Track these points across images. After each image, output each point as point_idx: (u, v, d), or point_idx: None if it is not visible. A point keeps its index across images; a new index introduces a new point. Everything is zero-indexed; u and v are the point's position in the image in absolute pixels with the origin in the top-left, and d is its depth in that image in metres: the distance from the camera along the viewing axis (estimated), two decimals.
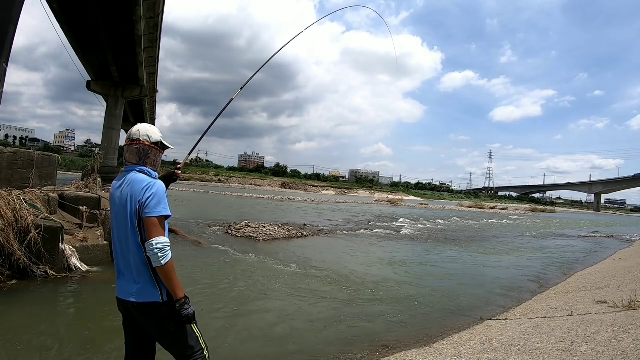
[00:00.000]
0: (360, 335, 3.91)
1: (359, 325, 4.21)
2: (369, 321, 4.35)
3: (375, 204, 40.61)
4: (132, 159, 1.85)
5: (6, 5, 7.35)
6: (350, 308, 4.79)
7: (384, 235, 13.33)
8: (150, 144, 1.86)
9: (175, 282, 1.71)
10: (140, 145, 1.84)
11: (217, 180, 68.56)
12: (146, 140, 1.86)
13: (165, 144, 1.94)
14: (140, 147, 1.84)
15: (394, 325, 4.27)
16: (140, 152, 1.84)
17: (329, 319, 4.34)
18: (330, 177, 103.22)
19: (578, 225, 29.53)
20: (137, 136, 1.86)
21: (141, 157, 1.84)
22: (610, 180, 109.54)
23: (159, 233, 1.70)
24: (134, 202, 1.74)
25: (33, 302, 4.16)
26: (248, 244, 8.90)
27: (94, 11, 15.16)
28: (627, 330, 2.96)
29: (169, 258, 1.69)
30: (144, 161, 1.85)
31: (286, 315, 4.42)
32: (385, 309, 4.81)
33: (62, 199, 6.76)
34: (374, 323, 4.30)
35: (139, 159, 1.84)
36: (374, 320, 4.40)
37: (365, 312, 4.67)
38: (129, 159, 1.86)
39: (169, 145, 1.96)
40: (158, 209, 1.72)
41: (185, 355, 1.78)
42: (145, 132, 1.87)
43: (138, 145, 1.84)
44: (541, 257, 10.40)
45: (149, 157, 1.86)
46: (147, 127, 1.90)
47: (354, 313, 4.59)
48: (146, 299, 1.73)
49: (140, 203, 1.72)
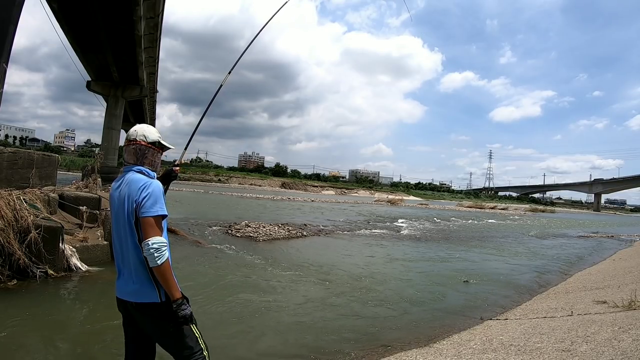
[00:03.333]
0: (360, 335, 3.91)
1: (359, 325, 4.21)
2: (368, 321, 4.35)
3: (375, 204, 40.59)
4: (130, 159, 1.87)
5: (6, 5, 7.35)
6: (350, 308, 4.79)
7: (383, 235, 13.33)
8: (147, 143, 1.88)
9: (172, 282, 1.71)
10: (137, 145, 1.86)
11: (217, 180, 68.57)
12: (142, 140, 1.87)
13: (164, 144, 1.95)
14: (137, 147, 1.86)
15: (394, 325, 4.26)
16: (137, 152, 1.86)
17: (329, 319, 4.34)
18: (330, 177, 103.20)
19: (578, 225, 29.52)
20: (134, 136, 1.88)
21: (138, 157, 1.86)
22: (610, 180, 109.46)
23: (156, 233, 1.70)
24: (130, 201, 1.74)
25: (33, 302, 4.16)
26: (248, 244, 8.90)
27: (94, 11, 15.16)
28: (627, 330, 2.96)
29: (165, 258, 1.69)
30: (142, 161, 1.86)
31: (285, 315, 4.42)
32: (385, 309, 4.81)
33: (62, 199, 6.76)
34: (373, 323, 4.29)
35: (137, 159, 1.86)
36: (373, 320, 4.40)
37: (365, 311, 4.67)
38: (127, 159, 1.88)
39: (168, 145, 1.97)
40: (154, 208, 1.72)
41: (184, 355, 1.77)
42: (142, 132, 1.89)
43: (135, 146, 1.86)
44: (541, 257, 10.40)
45: (146, 157, 1.87)
46: (144, 127, 1.92)
47: (354, 313, 4.59)
48: (144, 300, 1.73)
49: (137, 203, 1.73)
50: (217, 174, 74.35)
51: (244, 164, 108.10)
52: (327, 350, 3.50)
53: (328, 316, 4.45)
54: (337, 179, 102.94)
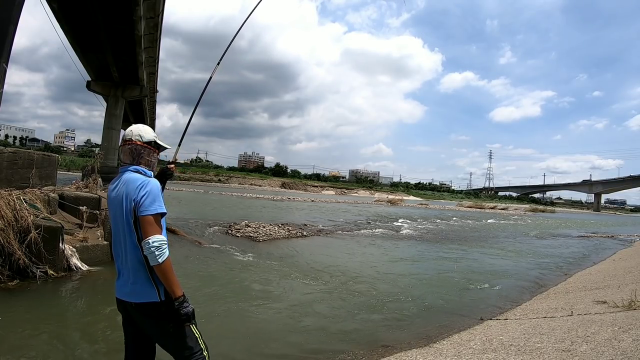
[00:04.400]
0: (360, 335, 3.91)
1: (359, 325, 4.21)
2: (368, 321, 4.35)
3: (375, 204, 40.57)
4: (126, 159, 1.88)
5: (6, 5, 7.35)
6: (350, 308, 4.78)
7: (383, 235, 13.33)
8: (142, 143, 1.89)
9: (173, 280, 1.71)
10: (133, 145, 1.87)
11: (217, 180, 68.53)
12: (138, 140, 1.88)
13: (160, 143, 1.96)
14: (133, 147, 1.87)
15: (394, 325, 4.26)
16: (133, 151, 1.87)
17: (329, 319, 4.34)
18: (330, 177, 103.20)
19: (578, 225, 29.52)
20: (130, 136, 1.89)
21: (134, 157, 1.87)
22: (610, 180, 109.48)
23: (155, 231, 1.70)
24: (129, 201, 1.75)
25: (33, 302, 4.17)
26: (248, 244, 8.90)
27: (94, 11, 15.16)
28: (627, 330, 2.96)
29: (166, 256, 1.69)
30: (138, 161, 1.87)
31: (285, 315, 4.42)
32: (385, 309, 4.81)
33: (62, 199, 6.76)
34: (374, 323, 4.29)
35: (133, 158, 1.87)
36: (374, 320, 4.40)
37: (365, 311, 4.67)
38: (123, 159, 1.89)
39: (164, 145, 1.98)
40: (153, 206, 1.73)
41: (184, 355, 1.77)
42: (137, 132, 1.90)
43: (130, 145, 1.87)
44: (541, 257, 10.39)
45: (142, 157, 1.88)
46: (139, 127, 1.93)
47: (354, 313, 4.59)
48: (144, 299, 1.73)
49: (135, 202, 1.73)
50: (217, 174, 74.31)
51: (244, 164, 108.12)
52: (327, 350, 3.50)
53: (328, 316, 4.45)
54: (337, 179, 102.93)
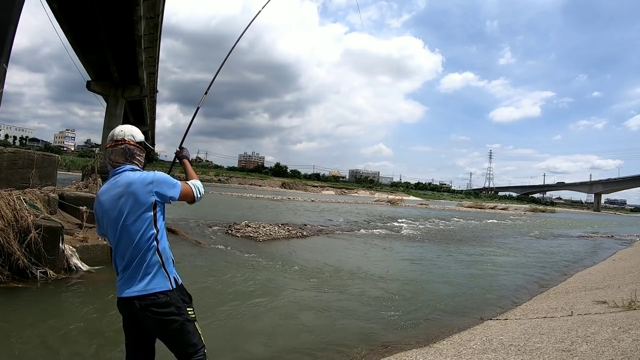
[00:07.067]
0: (360, 335, 3.91)
1: (359, 325, 4.20)
2: (369, 321, 4.34)
3: (376, 204, 40.55)
4: (119, 160, 1.86)
5: (6, 5, 7.35)
6: (350, 308, 4.78)
7: (383, 235, 13.33)
8: (135, 143, 1.89)
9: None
10: (126, 145, 1.87)
11: (217, 180, 68.47)
12: (131, 139, 1.89)
13: (147, 144, 1.98)
14: (126, 147, 1.87)
15: (393, 325, 4.26)
16: (126, 151, 1.86)
17: (329, 319, 4.33)
18: (330, 177, 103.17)
19: (578, 225, 29.51)
20: (122, 136, 1.89)
21: (127, 157, 1.87)
22: (610, 180, 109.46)
23: (194, 181, 2.03)
24: (144, 196, 1.75)
25: (33, 302, 4.16)
26: (248, 244, 8.90)
27: (94, 11, 15.14)
28: (627, 330, 2.96)
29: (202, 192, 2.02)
30: (131, 160, 1.87)
31: (285, 315, 4.42)
32: (385, 309, 4.80)
33: (62, 199, 6.76)
34: (374, 323, 4.29)
35: (126, 158, 1.86)
36: (374, 320, 4.39)
37: (364, 311, 4.67)
38: (115, 160, 1.86)
39: (149, 146, 2.02)
40: (176, 187, 1.87)
41: (188, 353, 1.78)
42: (130, 132, 1.91)
43: (124, 145, 1.87)
44: (541, 257, 10.39)
45: (134, 157, 1.89)
46: (130, 128, 1.94)
47: (354, 312, 4.59)
48: (157, 288, 1.74)
49: (160, 195, 1.78)
50: (217, 174, 74.30)
51: (244, 164, 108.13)
52: (327, 350, 3.50)
53: (328, 316, 4.44)
54: (337, 179, 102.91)
